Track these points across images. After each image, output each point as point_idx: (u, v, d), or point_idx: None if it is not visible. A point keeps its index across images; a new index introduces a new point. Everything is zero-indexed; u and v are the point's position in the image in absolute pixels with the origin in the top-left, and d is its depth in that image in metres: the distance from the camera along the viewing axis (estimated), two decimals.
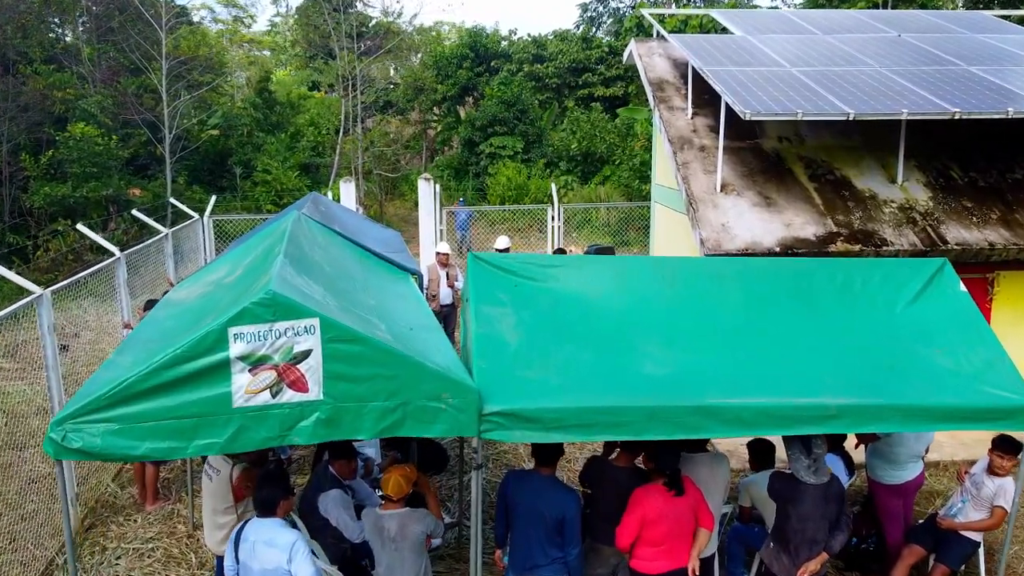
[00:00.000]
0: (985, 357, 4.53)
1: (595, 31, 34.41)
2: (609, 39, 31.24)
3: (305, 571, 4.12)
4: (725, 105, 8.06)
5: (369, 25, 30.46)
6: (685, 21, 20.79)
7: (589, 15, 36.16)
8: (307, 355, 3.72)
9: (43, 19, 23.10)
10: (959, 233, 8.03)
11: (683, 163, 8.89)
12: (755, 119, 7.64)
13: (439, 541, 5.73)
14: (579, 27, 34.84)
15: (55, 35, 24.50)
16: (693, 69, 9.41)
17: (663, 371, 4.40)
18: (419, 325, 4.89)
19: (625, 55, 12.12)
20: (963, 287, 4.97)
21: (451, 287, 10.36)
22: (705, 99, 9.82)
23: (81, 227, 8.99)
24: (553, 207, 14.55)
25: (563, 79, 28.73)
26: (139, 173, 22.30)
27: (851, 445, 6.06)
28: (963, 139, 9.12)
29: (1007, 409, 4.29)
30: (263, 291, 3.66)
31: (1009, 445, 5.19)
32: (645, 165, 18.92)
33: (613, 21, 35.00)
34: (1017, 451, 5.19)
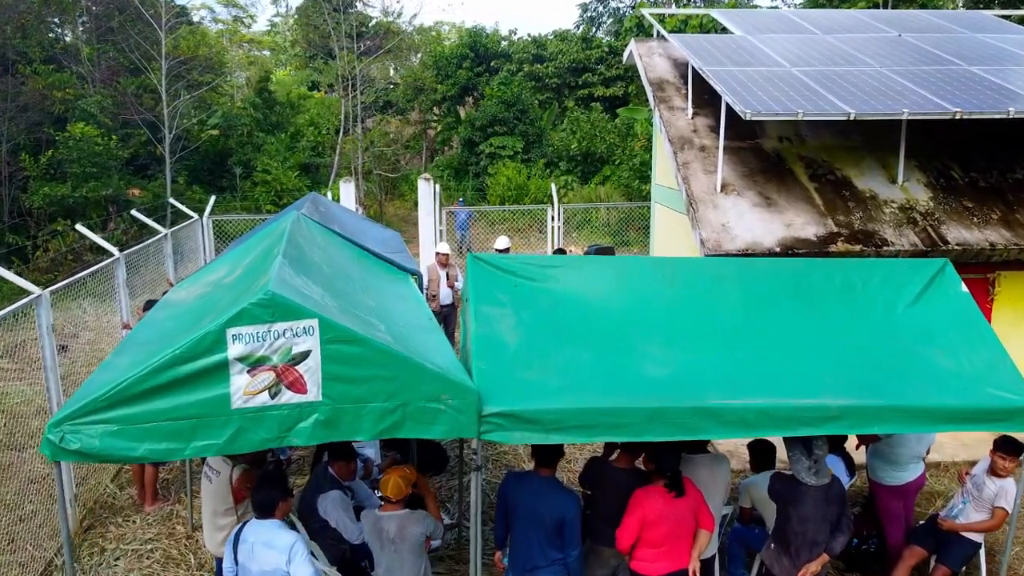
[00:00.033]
0: (986, 358, 4.51)
1: (595, 31, 34.40)
2: (609, 39, 31.23)
3: (304, 573, 4.11)
4: (725, 105, 8.05)
5: (369, 25, 30.43)
6: (685, 21, 20.78)
7: (589, 15, 36.15)
8: (306, 356, 3.70)
9: (43, 19, 23.09)
10: (960, 233, 8.01)
11: (683, 163, 8.87)
12: (755, 119, 7.62)
13: (438, 542, 5.72)
14: (579, 27, 34.83)
15: (55, 35, 24.49)
16: (693, 69, 9.39)
17: (663, 372, 4.38)
18: (418, 326, 4.87)
19: (625, 55, 12.10)
20: (964, 288, 4.95)
21: (451, 287, 10.35)
22: (705, 99, 9.80)
23: (80, 227, 8.97)
24: (553, 207, 14.54)
25: (563, 79, 28.71)
26: (139, 173, 22.28)
27: (852, 446, 6.05)
28: (964, 139, 9.11)
29: (1009, 410, 4.27)
30: (261, 292, 3.64)
31: (1011, 446, 5.18)
32: (645, 165, 18.90)
33: (613, 21, 34.99)
34: (1019, 452, 5.18)
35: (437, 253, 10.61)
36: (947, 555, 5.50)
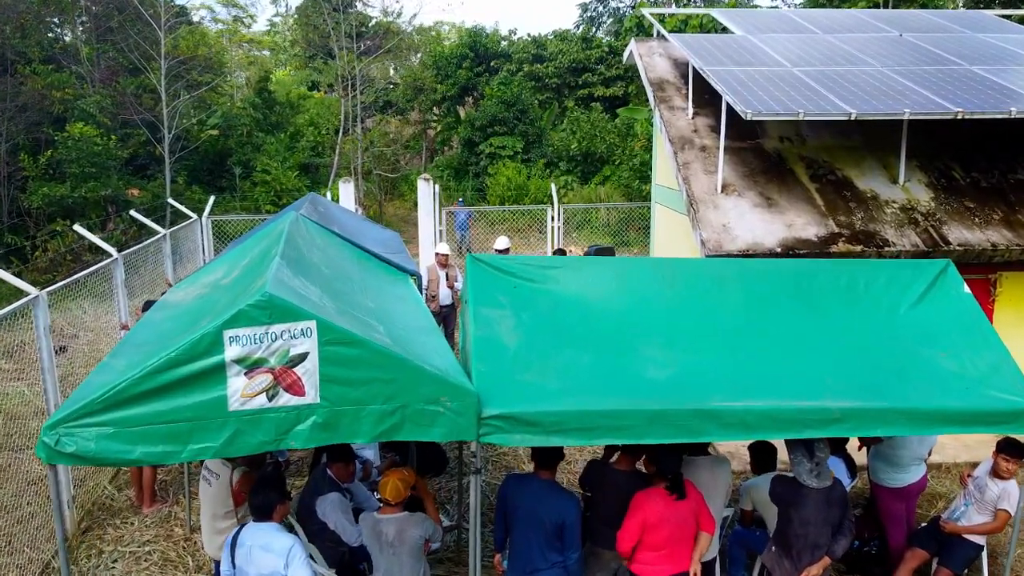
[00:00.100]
0: (989, 360, 4.48)
1: (595, 31, 34.38)
2: (609, 39, 31.21)
3: None
4: (726, 105, 8.02)
5: (369, 25, 30.42)
6: (685, 21, 20.75)
7: (589, 15, 36.14)
8: (304, 358, 3.67)
9: (42, 19, 23.07)
10: (961, 234, 7.98)
11: (684, 163, 8.84)
12: (756, 119, 7.59)
13: (437, 545, 5.69)
14: (579, 27, 34.82)
15: (54, 35, 24.48)
16: (694, 69, 9.37)
17: (664, 374, 4.35)
18: (417, 327, 4.84)
19: (625, 55, 12.08)
20: (967, 289, 4.92)
21: (451, 288, 10.32)
22: (706, 99, 9.77)
23: (78, 228, 8.94)
24: (553, 207, 14.51)
25: (563, 79, 28.69)
26: (138, 173, 22.26)
27: (853, 447, 6.03)
28: (965, 139, 9.08)
29: (1012, 412, 4.24)
30: (259, 293, 3.61)
31: (1014, 448, 5.15)
32: (645, 165, 18.87)
33: (613, 21, 34.98)
34: (1022, 454, 5.15)
35: (437, 254, 10.58)
36: (949, 557, 5.47)
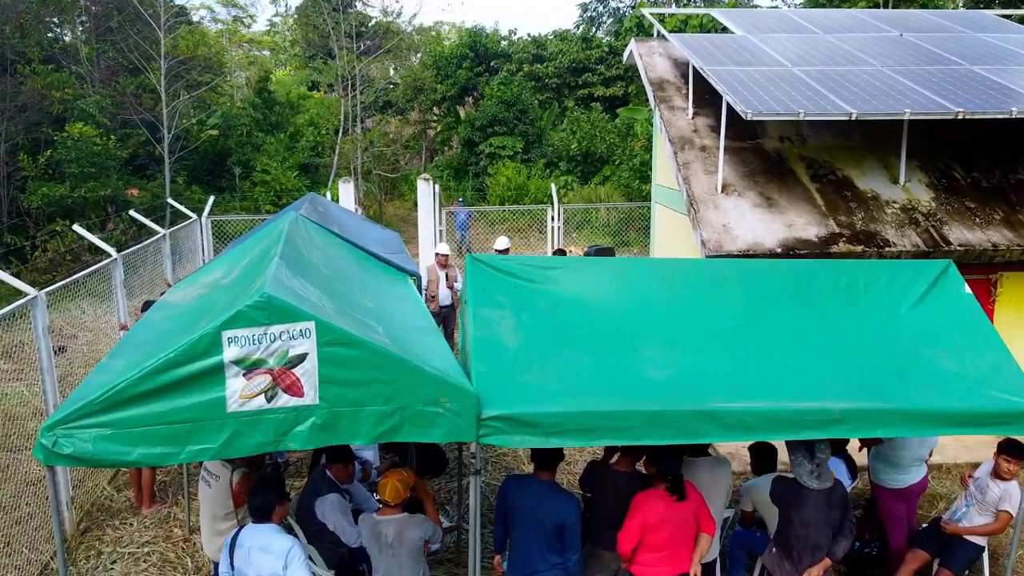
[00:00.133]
0: (991, 360, 4.47)
1: (595, 31, 34.37)
2: (609, 39, 31.19)
3: None
4: (726, 105, 8.01)
5: (368, 25, 30.41)
6: (685, 21, 20.74)
7: (589, 15, 36.13)
8: (302, 359, 3.66)
9: (41, 19, 23.06)
10: (962, 234, 7.97)
11: (684, 163, 8.83)
12: (756, 119, 7.58)
13: (437, 546, 5.68)
14: (579, 27, 34.81)
15: (54, 35, 24.47)
16: (694, 69, 9.35)
17: (664, 375, 4.34)
18: (417, 328, 4.83)
19: (625, 55, 12.06)
20: (968, 289, 4.91)
21: (450, 288, 10.30)
22: (706, 99, 9.76)
23: (77, 228, 8.92)
24: (553, 207, 14.50)
25: (563, 79, 28.67)
26: (138, 173, 22.25)
27: (854, 448, 6.01)
28: (965, 139, 9.06)
29: (1013, 413, 4.23)
30: (257, 294, 3.59)
31: (1016, 449, 5.13)
32: (645, 165, 18.86)
33: (613, 21, 34.97)
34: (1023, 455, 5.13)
35: (436, 254, 10.56)
36: (950, 558, 5.46)
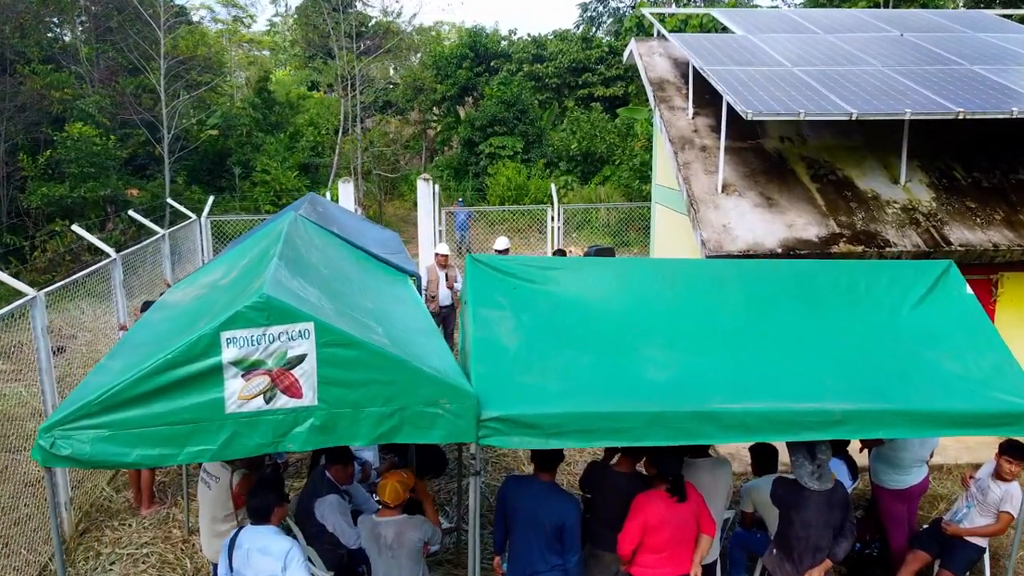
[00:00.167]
0: (993, 361, 4.45)
1: (595, 31, 34.36)
2: (609, 39, 31.18)
3: None
4: (726, 105, 7.99)
5: (368, 25, 30.40)
6: (685, 20, 20.72)
7: (589, 15, 36.11)
8: (301, 360, 3.64)
9: (41, 19, 23.04)
10: (963, 234, 7.95)
11: (684, 163, 8.81)
12: (757, 119, 7.56)
13: (437, 547, 5.66)
14: (579, 27, 34.79)
15: (53, 35, 24.46)
16: (694, 69, 9.33)
17: (664, 376, 4.32)
18: (417, 329, 4.81)
19: (625, 55, 12.05)
20: (969, 289, 4.89)
21: (450, 288, 10.29)
22: (706, 99, 9.74)
23: (76, 228, 8.90)
24: (553, 207, 14.48)
25: (563, 79, 28.66)
26: (137, 173, 22.24)
27: (855, 449, 5.99)
28: (966, 139, 9.04)
29: (1015, 414, 4.21)
30: (256, 295, 3.58)
31: (1017, 450, 5.11)
32: (645, 165, 18.84)
33: (613, 21, 34.95)
34: None
35: (436, 254, 10.54)
36: (951, 560, 5.44)
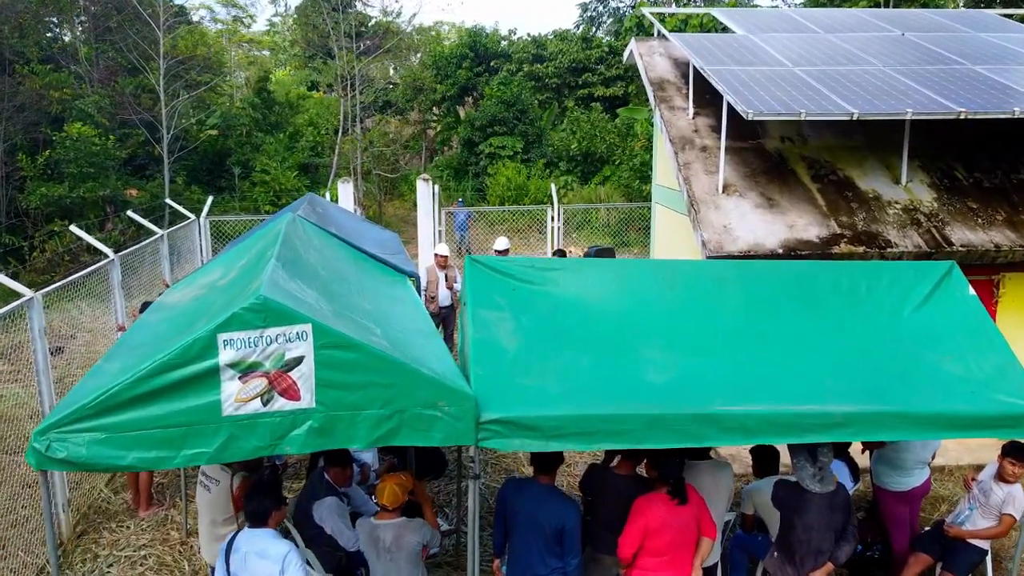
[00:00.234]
0: (995, 363, 4.42)
1: (595, 31, 34.32)
2: (609, 39, 31.16)
3: None
4: (727, 105, 7.96)
5: (368, 25, 30.37)
6: (685, 20, 20.69)
7: (589, 15, 36.08)
8: (299, 362, 3.61)
9: (40, 19, 23.00)
10: (964, 235, 7.92)
11: (684, 163, 8.78)
12: (757, 119, 7.53)
13: (436, 550, 5.63)
14: (579, 27, 34.76)
15: (52, 35, 24.42)
16: (694, 68, 9.30)
17: (664, 377, 4.30)
18: (416, 330, 4.78)
19: (625, 54, 12.01)
20: (972, 291, 4.86)
21: (450, 289, 10.26)
22: (706, 99, 9.71)
23: (74, 228, 8.88)
24: (553, 208, 14.45)
25: (563, 79, 28.63)
26: (137, 173, 22.20)
27: (856, 450, 5.97)
28: (968, 139, 9.01)
29: (1018, 416, 4.18)
30: (253, 296, 3.55)
31: (1020, 452, 5.08)
32: (645, 165, 18.82)
33: (613, 21, 34.92)
34: None
35: (436, 255, 10.51)
36: (953, 562, 5.41)
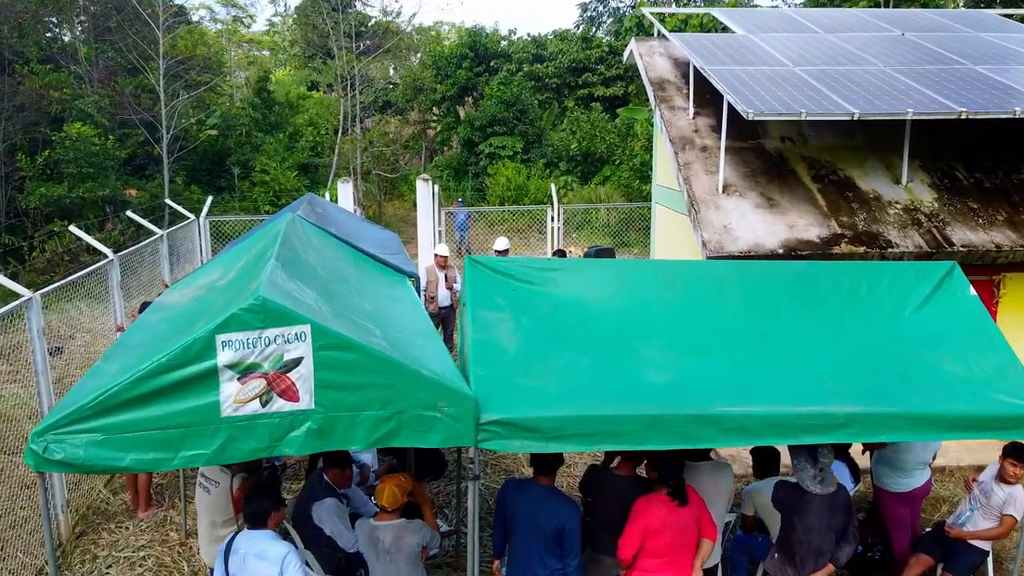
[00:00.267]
0: (996, 363, 4.41)
1: (595, 31, 34.30)
2: (609, 39, 31.14)
3: None
4: (727, 105, 7.94)
5: (368, 25, 30.34)
6: (685, 20, 20.67)
7: (589, 15, 36.06)
8: (298, 363, 3.60)
9: (40, 18, 22.97)
10: (965, 235, 7.90)
11: (684, 163, 8.77)
12: (758, 119, 7.51)
13: (436, 551, 5.62)
14: (579, 27, 34.73)
15: (52, 35, 24.39)
16: (694, 68, 9.29)
17: (664, 378, 4.28)
18: (415, 331, 4.77)
19: (625, 54, 12.00)
20: (973, 291, 4.85)
21: (449, 289, 10.25)
22: (707, 99, 9.70)
23: (73, 228, 8.86)
24: (553, 208, 14.44)
25: (563, 79, 28.61)
26: (137, 173, 22.18)
27: (857, 451, 5.96)
28: (968, 139, 9.00)
29: (1019, 417, 4.17)
30: (252, 297, 3.53)
31: (1021, 453, 5.07)
32: (645, 165, 18.80)
33: (613, 21, 34.90)
34: None
35: (436, 255, 10.50)
36: (954, 563, 5.40)
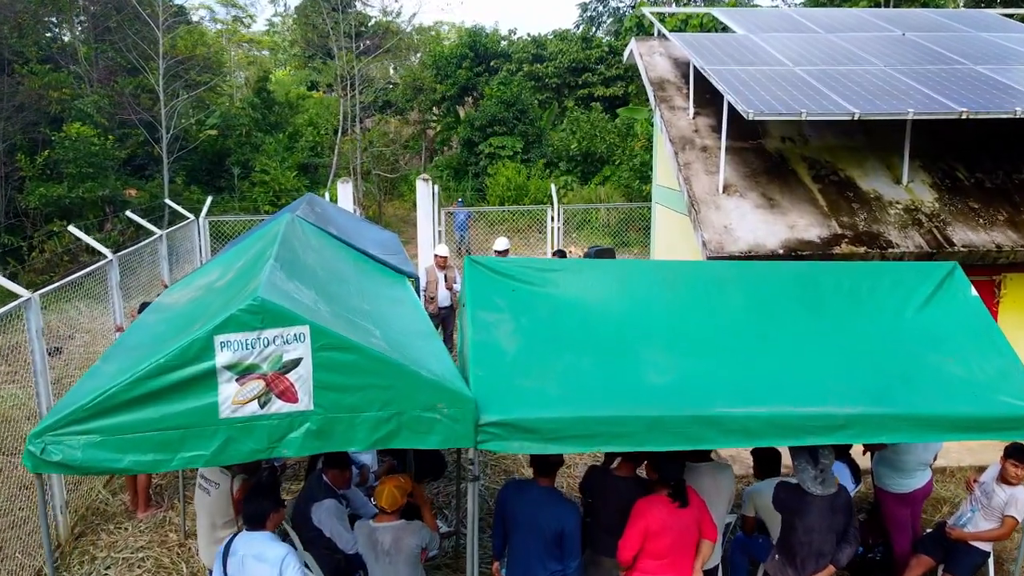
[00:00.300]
0: (998, 364, 4.40)
1: (595, 31, 34.30)
2: (609, 39, 31.13)
3: None
4: (727, 105, 7.93)
5: (368, 25, 30.34)
6: (686, 20, 20.66)
7: (589, 15, 36.05)
8: (297, 364, 3.59)
9: (40, 18, 22.97)
10: (965, 235, 7.89)
11: (685, 164, 8.76)
12: (758, 119, 7.50)
13: (435, 552, 5.61)
14: (579, 27, 34.73)
15: (52, 35, 24.38)
16: (695, 68, 9.28)
17: (665, 379, 4.27)
18: (415, 332, 4.76)
19: (625, 54, 11.98)
20: (974, 291, 4.83)
21: (449, 289, 10.23)
22: (707, 99, 9.69)
23: (73, 229, 8.85)
24: (553, 208, 14.42)
25: (563, 79, 28.60)
26: (136, 173, 22.18)
27: (857, 452, 5.94)
28: (969, 139, 8.99)
29: (1020, 418, 4.15)
30: (251, 297, 3.52)
31: (1023, 454, 5.06)
32: (645, 165, 18.79)
33: (613, 21, 34.89)
34: None
35: (435, 255, 10.48)
36: (955, 564, 5.38)
